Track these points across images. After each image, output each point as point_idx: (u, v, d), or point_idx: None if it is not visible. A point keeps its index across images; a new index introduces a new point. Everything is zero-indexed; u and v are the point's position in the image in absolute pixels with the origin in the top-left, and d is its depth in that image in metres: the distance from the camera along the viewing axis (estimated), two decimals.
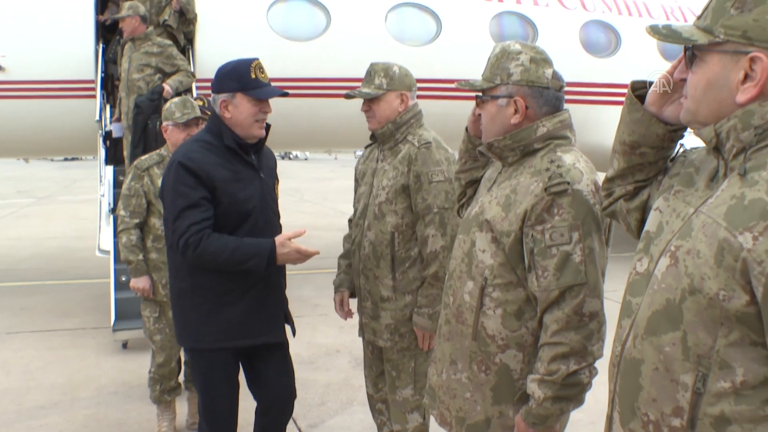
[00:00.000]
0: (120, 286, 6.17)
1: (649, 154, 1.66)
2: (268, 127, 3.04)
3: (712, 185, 1.42)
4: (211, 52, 7.79)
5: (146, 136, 6.40)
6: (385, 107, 3.13)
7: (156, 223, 4.17)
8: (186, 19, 7.69)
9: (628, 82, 1.70)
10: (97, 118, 7.49)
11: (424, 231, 3.05)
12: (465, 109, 8.56)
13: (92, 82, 7.72)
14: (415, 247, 3.11)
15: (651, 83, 1.63)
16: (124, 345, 6.06)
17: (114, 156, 7.19)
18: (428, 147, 3.08)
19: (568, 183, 2.02)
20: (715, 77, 1.37)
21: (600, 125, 9.10)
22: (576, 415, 2.41)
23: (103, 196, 7.01)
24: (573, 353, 2.00)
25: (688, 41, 1.40)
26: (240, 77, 2.88)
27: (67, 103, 7.70)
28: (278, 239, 2.89)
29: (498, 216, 2.09)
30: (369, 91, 3.11)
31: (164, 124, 4.14)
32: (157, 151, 4.33)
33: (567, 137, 2.20)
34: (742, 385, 1.25)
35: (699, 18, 1.41)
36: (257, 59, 2.95)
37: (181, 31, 7.76)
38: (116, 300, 6.06)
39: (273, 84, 2.99)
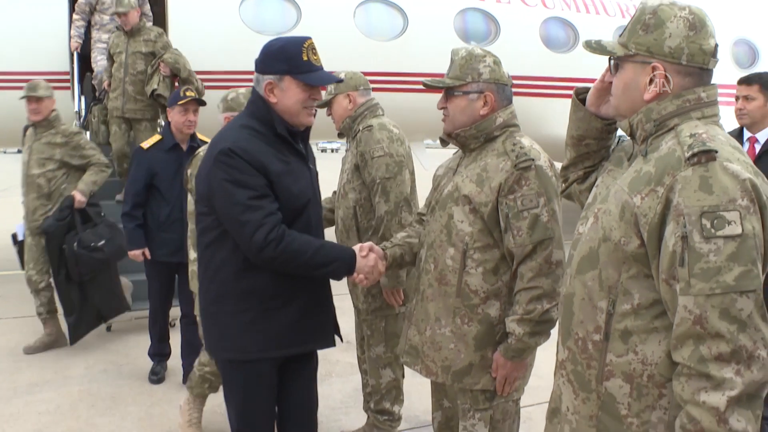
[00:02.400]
0: None
1: (592, 144, 2.10)
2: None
3: (629, 164, 1.84)
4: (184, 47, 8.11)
5: (65, 261, 5.40)
6: (337, 108, 3.68)
7: None
8: (181, 78, 7.15)
9: (586, 76, 2.13)
10: (75, 109, 7.73)
11: (373, 200, 3.53)
12: (430, 101, 8.93)
13: (66, 73, 7.95)
14: (374, 215, 3.57)
15: (589, 89, 2.06)
16: (108, 328, 6.33)
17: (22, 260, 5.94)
18: (370, 129, 3.55)
19: (532, 160, 2.49)
20: (629, 81, 1.80)
21: (558, 117, 9.52)
22: (534, 382, 2.81)
23: None
24: (545, 295, 2.47)
25: (611, 53, 1.83)
26: (290, 58, 2.56)
27: None
28: (358, 248, 2.75)
29: (474, 191, 2.52)
30: (321, 100, 3.52)
31: (228, 114, 3.88)
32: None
33: (517, 125, 2.67)
34: (638, 306, 1.68)
35: (620, 35, 1.84)
36: (310, 38, 2.62)
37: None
38: None
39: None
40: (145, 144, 4.88)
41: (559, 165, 2.41)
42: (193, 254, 3.96)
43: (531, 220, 2.46)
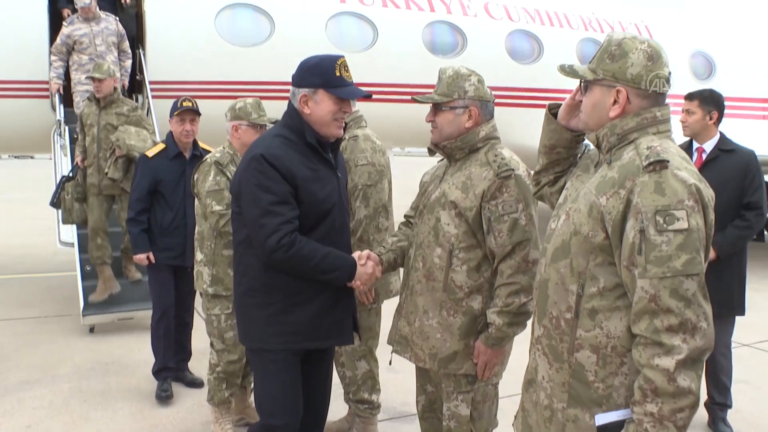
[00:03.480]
0: (85, 275, 6.68)
1: (562, 152, 2.42)
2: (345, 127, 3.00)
3: (596, 170, 2.16)
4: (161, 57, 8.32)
5: None
6: None
7: None
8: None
9: (550, 86, 2.45)
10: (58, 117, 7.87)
11: (353, 204, 3.79)
12: (398, 111, 9.21)
13: (45, 83, 8.09)
14: (353, 218, 3.83)
15: (560, 105, 2.39)
16: (91, 329, 6.52)
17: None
18: (355, 139, 3.85)
19: (512, 169, 2.80)
20: (597, 101, 2.12)
21: (524, 127, 9.85)
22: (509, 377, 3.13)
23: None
24: (523, 290, 2.77)
25: (582, 77, 2.15)
26: (324, 73, 2.80)
27: (20, 102, 8.03)
28: (357, 256, 2.93)
29: (460, 197, 2.82)
30: (351, 113, 3.81)
31: (235, 123, 4.09)
32: (222, 149, 4.18)
33: (498, 137, 2.98)
34: (603, 289, 2.00)
35: (590, 62, 2.15)
36: (343, 57, 2.85)
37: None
38: (83, 288, 6.55)
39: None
40: (150, 152, 5.04)
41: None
42: (199, 255, 4.17)
43: (511, 224, 2.77)
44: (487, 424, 3.00)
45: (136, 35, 8.63)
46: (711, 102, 4.34)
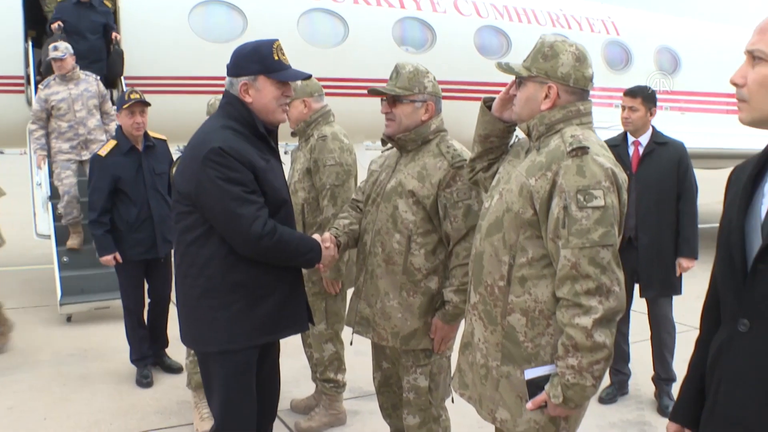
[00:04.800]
0: (63, 265, 6.85)
1: (496, 141, 2.67)
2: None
3: (526, 156, 2.42)
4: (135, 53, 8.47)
5: None
6: (293, 111, 4.12)
7: None
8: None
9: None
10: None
11: (321, 203, 4.01)
12: (369, 105, 9.36)
13: (21, 78, 8.22)
14: (320, 215, 4.06)
15: (494, 98, 2.63)
16: (69, 318, 6.70)
17: None
18: (324, 139, 4.03)
19: (465, 160, 3.00)
20: (530, 95, 2.38)
21: None
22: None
23: (40, 184, 7.39)
24: None
25: (518, 74, 2.40)
26: (263, 59, 2.74)
27: None
28: (320, 239, 3.00)
29: (417, 186, 3.02)
30: (292, 96, 3.99)
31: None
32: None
33: (446, 130, 3.21)
34: (531, 259, 2.27)
35: (524, 61, 2.40)
36: (277, 40, 2.80)
37: None
38: (61, 278, 6.72)
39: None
40: (102, 151, 5.00)
41: None
42: None
43: (465, 209, 3.00)
44: (442, 393, 3.24)
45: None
46: (651, 99, 4.63)
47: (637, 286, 4.61)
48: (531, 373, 2.25)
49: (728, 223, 1.73)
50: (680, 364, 4.87)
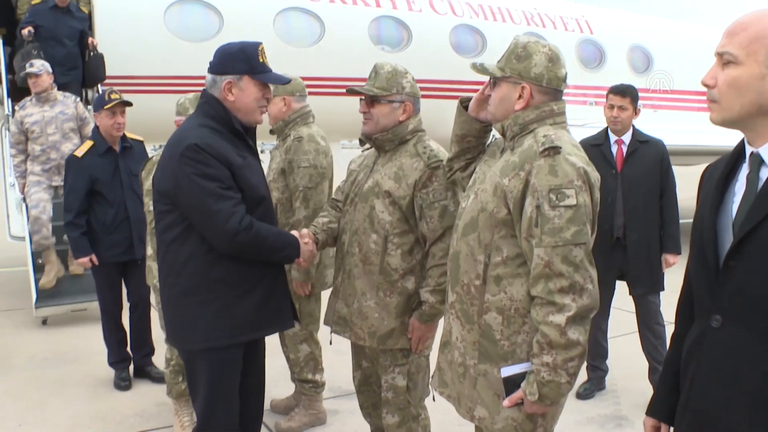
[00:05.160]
0: (37, 267, 6.78)
1: (472, 141, 2.70)
2: None
3: (501, 155, 2.44)
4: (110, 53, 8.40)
5: None
6: (272, 108, 4.10)
7: None
8: None
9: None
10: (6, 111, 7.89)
11: (294, 204, 4.02)
12: (345, 104, 9.34)
13: None
14: (292, 216, 4.05)
15: (471, 98, 2.66)
16: (44, 321, 6.62)
17: None
18: (300, 140, 4.02)
19: (441, 160, 3.02)
20: (504, 95, 2.40)
21: None
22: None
23: (13, 185, 7.23)
24: None
25: (492, 74, 2.42)
26: (249, 59, 2.78)
27: None
28: (299, 234, 3.02)
29: (394, 187, 3.03)
30: (271, 98, 4.00)
31: (177, 118, 4.18)
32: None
33: (424, 130, 3.22)
34: (506, 258, 2.29)
35: (498, 61, 2.42)
36: (261, 43, 2.85)
37: None
38: (36, 280, 6.66)
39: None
40: (79, 152, 4.94)
41: None
42: (150, 250, 4.24)
43: (441, 210, 3.01)
44: (421, 392, 3.26)
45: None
46: (637, 98, 4.65)
47: (619, 284, 4.65)
48: (507, 371, 2.27)
49: (701, 221, 1.77)
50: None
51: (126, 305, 5.20)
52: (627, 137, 4.68)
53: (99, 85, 8.11)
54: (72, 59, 7.90)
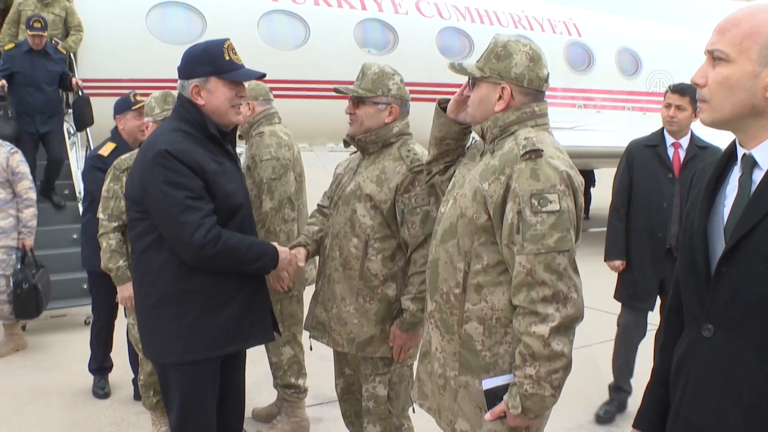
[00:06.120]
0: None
1: (451, 143, 2.61)
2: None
3: (481, 159, 2.35)
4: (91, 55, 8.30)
5: None
6: None
7: None
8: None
9: None
10: None
11: (261, 197, 3.96)
12: (331, 107, 9.25)
13: None
14: (261, 209, 3.99)
15: (449, 100, 2.57)
16: (23, 328, 6.47)
17: None
18: (261, 135, 4.03)
19: (424, 164, 2.92)
20: (483, 96, 2.31)
21: None
22: None
23: None
24: None
25: (470, 74, 2.34)
26: (213, 59, 2.67)
27: None
28: (287, 251, 2.95)
29: (375, 190, 2.97)
30: (246, 97, 3.93)
31: (146, 120, 4.11)
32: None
33: (410, 133, 3.14)
34: (487, 266, 2.20)
35: (478, 61, 2.34)
36: (229, 39, 2.74)
37: None
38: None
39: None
40: (104, 151, 4.67)
41: None
42: None
43: (423, 216, 2.94)
44: (403, 402, 3.18)
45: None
46: (696, 99, 4.39)
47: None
48: (489, 383, 2.18)
49: (690, 226, 1.69)
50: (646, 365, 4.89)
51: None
52: (685, 141, 4.37)
53: (89, 134, 7.90)
54: (53, 105, 7.42)
